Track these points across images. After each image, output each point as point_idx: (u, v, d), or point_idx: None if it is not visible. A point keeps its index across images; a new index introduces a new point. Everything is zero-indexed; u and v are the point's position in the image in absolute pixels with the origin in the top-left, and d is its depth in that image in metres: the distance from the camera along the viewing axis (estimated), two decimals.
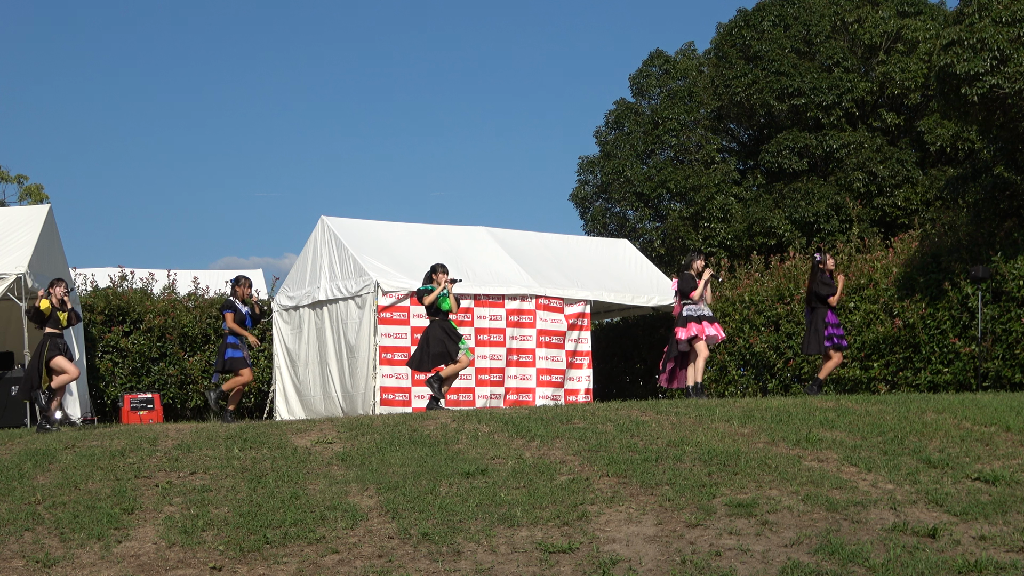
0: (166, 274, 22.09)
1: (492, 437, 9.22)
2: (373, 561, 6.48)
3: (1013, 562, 6.18)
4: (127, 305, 19.74)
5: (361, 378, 16.58)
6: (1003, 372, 15.17)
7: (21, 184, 35.24)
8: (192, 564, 6.51)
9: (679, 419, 9.74)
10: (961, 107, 14.92)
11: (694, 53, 30.01)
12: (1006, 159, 16.94)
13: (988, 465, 7.79)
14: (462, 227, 19.11)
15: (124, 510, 7.37)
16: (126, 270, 21.47)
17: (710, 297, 13.72)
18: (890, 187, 25.20)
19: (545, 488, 7.49)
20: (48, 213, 16.67)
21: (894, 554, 6.27)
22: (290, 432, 10.00)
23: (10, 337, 16.61)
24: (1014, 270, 15.16)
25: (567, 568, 6.32)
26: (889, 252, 18.11)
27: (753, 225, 25.51)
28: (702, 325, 13.39)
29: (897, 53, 25.99)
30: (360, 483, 7.85)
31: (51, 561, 6.56)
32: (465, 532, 6.79)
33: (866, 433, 8.78)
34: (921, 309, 16.15)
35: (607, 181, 28.39)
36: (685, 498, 7.21)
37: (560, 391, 17.74)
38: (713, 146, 27.46)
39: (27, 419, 15.02)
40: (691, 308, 13.51)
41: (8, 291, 14.97)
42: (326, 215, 18.00)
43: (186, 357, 19.91)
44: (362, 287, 16.66)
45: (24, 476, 8.34)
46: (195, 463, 8.64)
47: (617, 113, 29.37)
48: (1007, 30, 14.30)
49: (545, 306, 17.77)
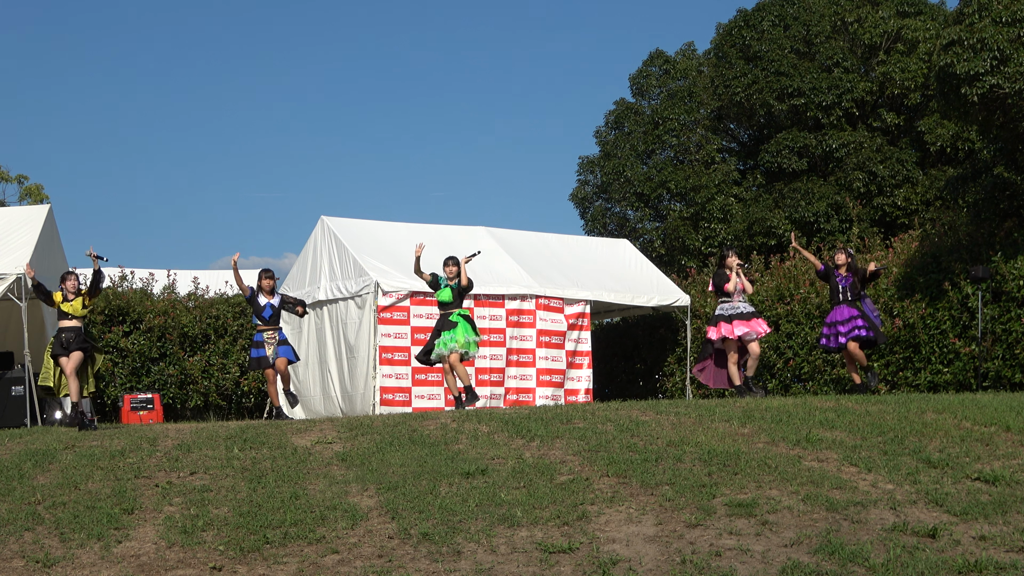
0: (166, 274, 22.08)
1: (492, 437, 9.22)
2: (373, 561, 6.48)
3: (1013, 562, 6.18)
4: (127, 305, 19.74)
5: (360, 378, 16.58)
6: (1003, 372, 15.18)
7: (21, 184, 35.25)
8: (192, 564, 6.51)
9: (679, 419, 9.74)
10: (961, 107, 14.93)
11: (694, 53, 30.00)
12: (1006, 159, 16.94)
13: (988, 465, 7.79)
14: (462, 227, 19.11)
15: (124, 510, 7.37)
16: (126, 270, 21.47)
17: (749, 287, 13.21)
18: (890, 187, 25.20)
19: (545, 488, 7.49)
20: (48, 213, 16.66)
21: (894, 554, 6.27)
22: (290, 432, 10.00)
23: (10, 337, 16.61)
24: (1014, 270, 15.17)
25: (567, 568, 6.32)
26: (889, 252, 18.12)
27: (753, 225, 25.51)
28: (732, 324, 13.01)
29: (897, 53, 25.98)
30: (360, 483, 7.85)
31: (51, 561, 6.56)
32: (465, 532, 6.79)
33: (866, 433, 8.78)
34: (921, 309, 16.16)
35: (607, 181, 28.39)
36: (685, 498, 7.21)
37: (560, 391, 17.74)
38: (713, 146, 27.45)
39: (27, 419, 15.02)
40: (724, 306, 13.19)
41: (8, 291, 14.97)
42: (326, 215, 18.02)
43: (186, 357, 19.91)
44: (362, 287, 16.66)
45: (24, 476, 8.33)
46: (195, 463, 8.63)
47: (617, 113, 29.37)
48: (1007, 30, 14.31)
49: (545, 306, 17.77)
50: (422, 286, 15.22)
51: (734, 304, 13.14)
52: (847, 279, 13.10)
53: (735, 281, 13.13)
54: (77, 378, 12.01)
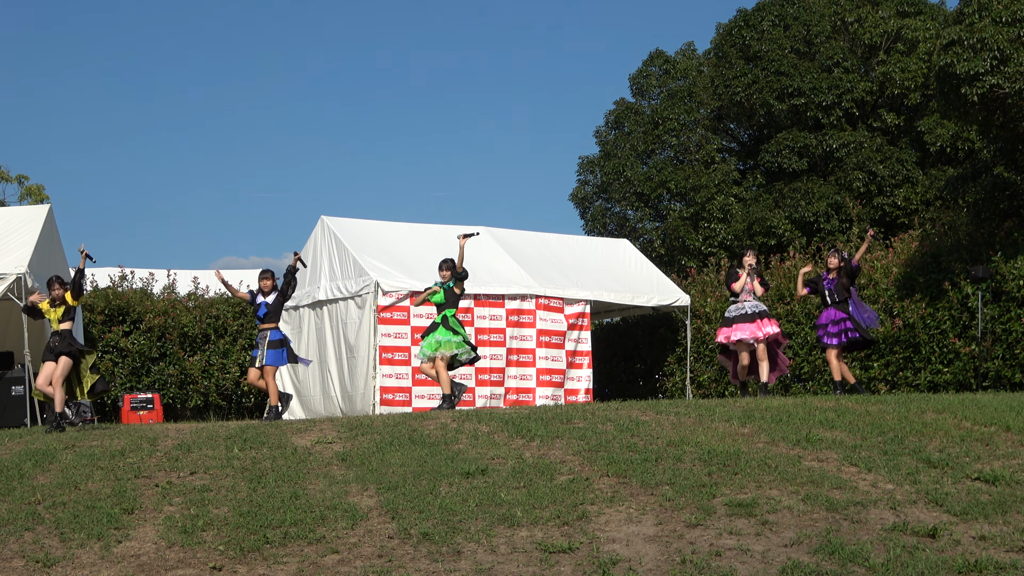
0: (166, 274, 22.09)
1: (492, 437, 9.22)
2: (373, 561, 6.48)
3: (1013, 562, 6.18)
4: (127, 305, 19.74)
5: (360, 378, 16.59)
6: (1003, 372, 15.18)
7: (21, 184, 35.26)
8: (192, 564, 6.51)
9: (679, 419, 9.74)
10: (961, 107, 14.94)
11: (694, 53, 30.00)
12: (1006, 159, 16.95)
13: (988, 465, 7.79)
14: (462, 227, 19.10)
15: (124, 510, 7.37)
16: (126, 270, 21.48)
17: (759, 289, 13.18)
18: (890, 187, 25.21)
19: (545, 488, 7.49)
20: (48, 213, 16.68)
21: (894, 554, 6.27)
22: (290, 432, 10.00)
23: (10, 337, 16.61)
24: (1014, 270, 15.17)
25: (567, 568, 6.32)
26: (889, 252, 18.12)
27: (753, 225, 25.51)
28: (732, 328, 13.06)
29: (897, 53, 25.99)
30: (360, 483, 7.85)
31: (51, 561, 6.56)
32: (465, 532, 6.79)
33: (866, 433, 8.78)
34: (921, 309, 16.16)
35: (607, 181, 28.39)
36: (685, 498, 7.21)
37: (560, 391, 17.75)
38: (713, 146, 27.46)
39: (27, 419, 15.02)
40: (730, 308, 13.25)
41: (8, 291, 14.97)
42: (326, 215, 18.03)
43: (186, 357, 19.91)
44: (362, 287, 16.66)
45: (24, 476, 8.33)
46: (195, 463, 8.63)
47: (617, 113, 29.37)
48: (1007, 30, 14.31)
49: (545, 306, 17.77)
50: (422, 286, 15.24)
51: (740, 305, 13.16)
52: (832, 281, 13.07)
53: (743, 281, 13.13)
54: (62, 388, 11.92)
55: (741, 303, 13.15)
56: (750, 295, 13.17)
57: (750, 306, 13.12)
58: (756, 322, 13.08)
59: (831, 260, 13.14)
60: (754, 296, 13.19)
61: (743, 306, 13.13)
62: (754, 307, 13.13)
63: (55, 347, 11.93)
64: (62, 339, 11.94)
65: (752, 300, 13.17)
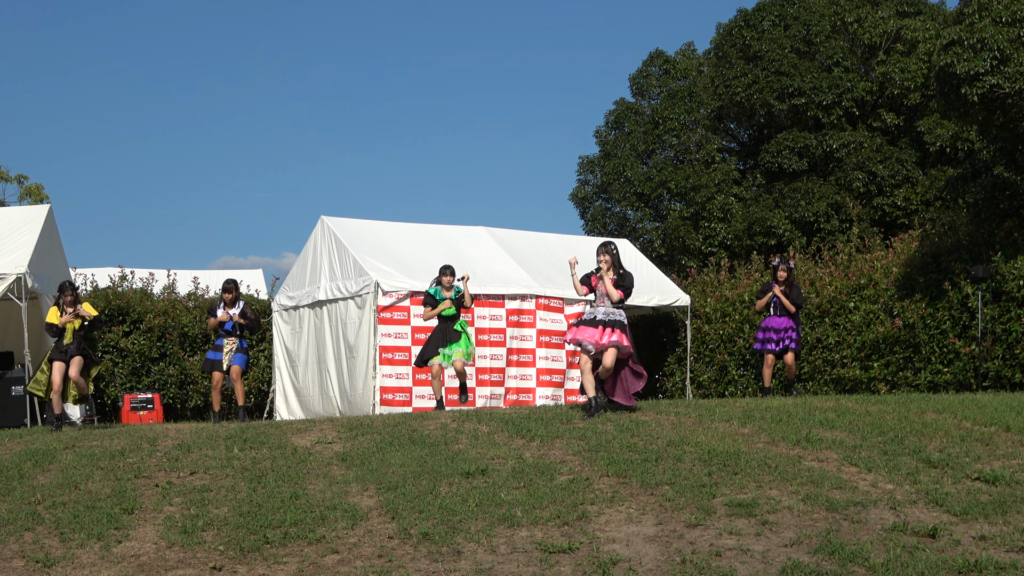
0: (166, 274, 22.10)
1: (492, 437, 9.22)
2: (373, 561, 6.48)
3: (1013, 562, 6.18)
4: (127, 305, 19.74)
5: (360, 378, 16.58)
6: (1003, 372, 15.18)
7: (21, 184, 35.24)
8: (192, 564, 6.51)
9: (679, 419, 9.74)
10: (961, 107, 14.93)
11: (694, 53, 30.00)
12: (1006, 159, 16.94)
13: (988, 465, 7.79)
14: (462, 227, 19.12)
15: (124, 510, 7.37)
16: (126, 270, 21.48)
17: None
18: (890, 187, 25.21)
19: (545, 488, 7.49)
20: (48, 213, 16.67)
21: (894, 554, 6.27)
22: (290, 432, 10.00)
23: (10, 337, 16.61)
24: (1014, 270, 15.16)
25: (567, 568, 6.32)
26: (889, 252, 18.13)
27: (753, 225, 25.51)
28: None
29: (897, 53, 25.99)
30: (360, 483, 7.85)
31: (51, 561, 6.56)
32: (465, 532, 6.79)
33: (866, 433, 8.78)
34: (921, 309, 16.16)
35: (607, 181, 28.39)
36: (685, 498, 7.21)
37: (560, 391, 17.74)
38: (713, 146, 27.45)
39: (27, 419, 15.02)
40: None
41: (8, 291, 14.97)
42: (326, 215, 18.02)
43: (186, 357, 19.90)
44: (362, 287, 16.65)
45: (24, 476, 8.34)
46: (195, 463, 8.64)
47: (617, 113, 29.37)
48: (1007, 30, 14.30)
49: (545, 306, 17.77)
50: (422, 286, 15.24)
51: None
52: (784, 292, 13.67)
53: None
54: (60, 394, 12.06)
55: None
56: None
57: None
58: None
59: (780, 274, 13.63)
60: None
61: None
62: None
63: (69, 349, 12.11)
64: (78, 344, 12.18)
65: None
